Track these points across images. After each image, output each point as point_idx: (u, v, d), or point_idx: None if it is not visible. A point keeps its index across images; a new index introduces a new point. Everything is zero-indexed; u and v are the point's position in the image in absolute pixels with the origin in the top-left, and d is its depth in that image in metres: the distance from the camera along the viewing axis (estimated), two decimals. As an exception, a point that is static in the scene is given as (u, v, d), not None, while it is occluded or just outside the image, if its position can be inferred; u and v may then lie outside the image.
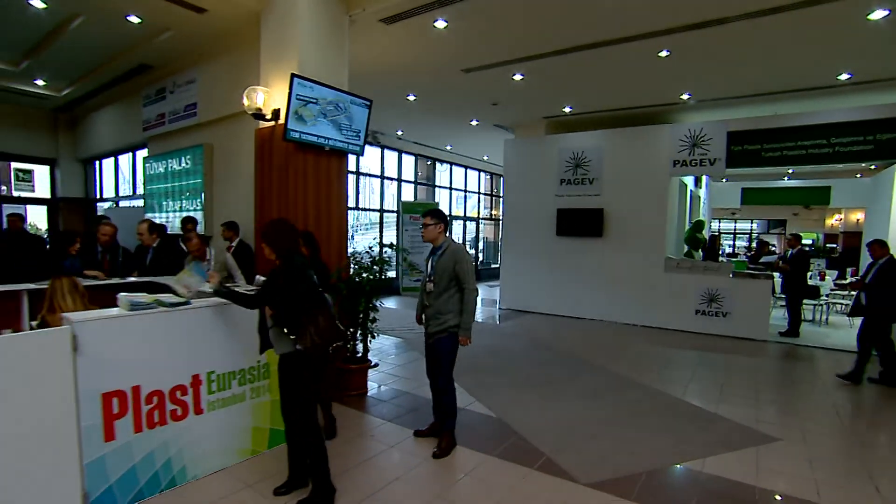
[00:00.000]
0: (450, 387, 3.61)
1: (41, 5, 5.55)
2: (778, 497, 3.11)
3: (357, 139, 5.22)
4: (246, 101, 4.84)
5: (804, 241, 15.85)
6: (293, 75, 4.50)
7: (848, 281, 10.05)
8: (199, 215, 6.82)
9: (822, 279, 10.67)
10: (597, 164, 9.23)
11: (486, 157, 15.02)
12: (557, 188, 9.67)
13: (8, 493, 2.33)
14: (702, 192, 14.12)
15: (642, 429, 4.15)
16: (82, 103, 9.81)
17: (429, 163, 14.42)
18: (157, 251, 4.89)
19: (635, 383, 5.40)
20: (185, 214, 7.18)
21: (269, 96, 4.89)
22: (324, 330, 2.71)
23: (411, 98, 8.60)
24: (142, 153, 9.32)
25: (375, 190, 12.59)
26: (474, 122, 10.45)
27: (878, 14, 5.14)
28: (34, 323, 3.67)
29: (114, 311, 2.82)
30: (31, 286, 3.88)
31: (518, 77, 7.36)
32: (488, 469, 3.38)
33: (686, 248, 10.30)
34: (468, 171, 15.78)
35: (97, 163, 11.20)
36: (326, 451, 2.86)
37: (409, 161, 13.45)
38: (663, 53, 6.37)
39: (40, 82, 8.60)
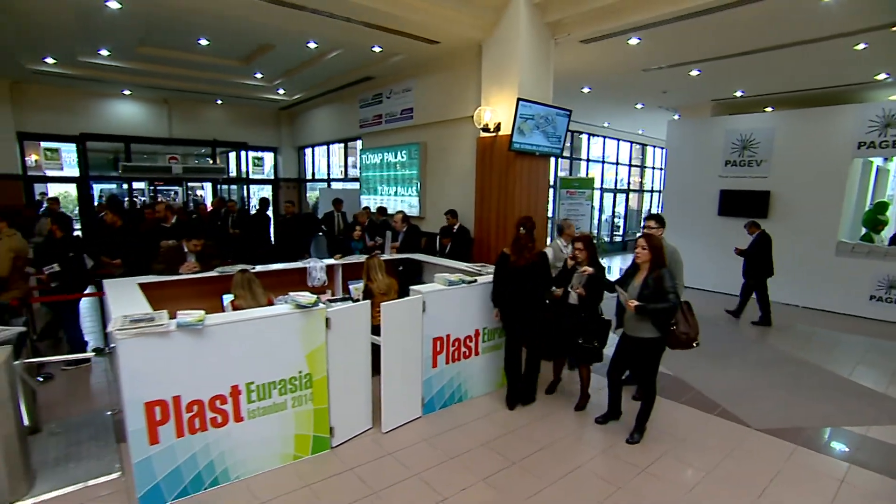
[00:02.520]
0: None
1: (314, 45, 7.41)
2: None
3: (559, 143, 6.37)
4: (476, 118, 6.20)
5: None
6: (519, 99, 5.71)
7: None
8: (414, 201, 8.54)
9: None
10: (766, 146, 9.25)
11: (640, 132, 15.19)
12: (721, 169, 9.87)
13: (395, 393, 4.00)
14: (891, 166, 12.92)
15: (808, 397, 4.84)
16: (301, 103, 12.15)
17: (582, 135, 15.01)
18: (406, 235, 6.57)
19: (801, 360, 5.94)
20: (400, 199, 8.97)
21: (493, 113, 6.19)
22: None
23: (586, 90, 9.42)
24: (352, 144, 11.44)
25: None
26: (639, 106, 10.93)
27: None
28: (354, 286, 5.48)
29: (437, 285, 4.36)
30: (343, 261, 5.73)
31: (695, 73, 7.83)
32: (679, 411, 4.50)
33: (864, 230, 9.90)
34: (620, 143, 16.03)
35: (308, 150, 13.78)
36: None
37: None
38: (860, 47, 6.38)
39: (281, 91, 10.93)
